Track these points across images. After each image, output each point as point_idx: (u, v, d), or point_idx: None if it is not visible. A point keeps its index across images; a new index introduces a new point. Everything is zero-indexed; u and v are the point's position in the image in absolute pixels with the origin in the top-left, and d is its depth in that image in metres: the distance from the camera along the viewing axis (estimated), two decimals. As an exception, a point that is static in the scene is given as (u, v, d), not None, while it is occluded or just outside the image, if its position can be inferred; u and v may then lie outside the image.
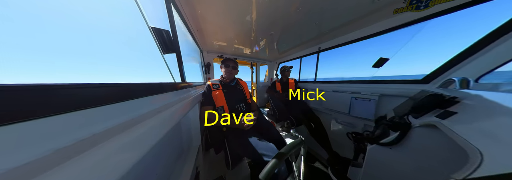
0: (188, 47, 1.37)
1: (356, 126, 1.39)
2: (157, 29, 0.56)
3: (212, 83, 1.16)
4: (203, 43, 1.74)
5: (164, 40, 0.62)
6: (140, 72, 0.67)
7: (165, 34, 0.61)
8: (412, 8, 0.88)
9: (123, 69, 0.52)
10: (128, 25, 0.52)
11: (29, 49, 0.28)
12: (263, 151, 0.77)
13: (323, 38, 1.64)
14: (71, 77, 0.38)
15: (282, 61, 2.85)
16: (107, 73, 0.47)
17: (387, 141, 0.69)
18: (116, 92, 0.29)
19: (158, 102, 0.46)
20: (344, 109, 1.46)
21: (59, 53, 0.34)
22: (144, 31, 0.53)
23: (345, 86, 1.53)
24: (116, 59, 0.51)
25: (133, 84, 0.35)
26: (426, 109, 0.61)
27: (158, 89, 0.48)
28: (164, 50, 0.62)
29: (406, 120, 0.66)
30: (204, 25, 1.27)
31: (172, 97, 0.61)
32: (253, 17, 1.16)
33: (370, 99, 1.24)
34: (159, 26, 0.58)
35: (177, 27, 0.82)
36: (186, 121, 0.87)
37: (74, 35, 0.38)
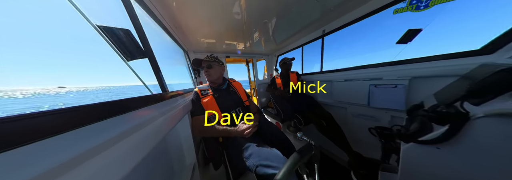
0: (166, 48, 1.26)
1: (380, 120, 1.23)
2: (109, 28, 0.46)
3: (199, 89, 1.07)
4: (186, 42, 1.62)
5: (125, 42, 0.51)
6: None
7: (125, 35, 0.51)
8: (412, 8, 0.90)
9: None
10: (47, 24, 0.40)
11: None
12: (267, 162, 0.69)
13: (328, 18, 1.48)
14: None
15: (281, 53, 2.72)
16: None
17: (430, 138, 0.57)
18: (61, 119, 0.27)
19: (125, 123, 0.40)
20: (361, 100, 1.32)
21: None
22: (85, 32, 0.43)
23: (359, 72, 1.38)
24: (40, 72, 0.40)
25: (86, 106, 0.32)
26: (494, 91, 0.47)
27: (124, 106, 0.41)
28: (128, 55, 0.52)
29: (460, 108, 0.52)
30: (183, 20, 1.16)
31: (150, 112, 0.53)
32: (242, 5, 1.04)
33: (396, 85, 1.07)
34: (112, 24, 0.47)
35: (145, 25, 0.71)
36: (174, 137, 0.78)
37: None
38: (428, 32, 1.10)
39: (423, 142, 0.59)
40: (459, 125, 0.50)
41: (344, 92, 1.51)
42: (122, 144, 0.33)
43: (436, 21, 1.11)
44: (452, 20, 10.40)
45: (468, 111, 0.50)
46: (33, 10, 0.35)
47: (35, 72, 3.91)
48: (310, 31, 1.80)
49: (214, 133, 0.93)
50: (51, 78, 5.54)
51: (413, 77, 1.00)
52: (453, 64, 0.84)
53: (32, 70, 2.58)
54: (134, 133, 0.38)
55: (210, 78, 1.09)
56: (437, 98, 0.68)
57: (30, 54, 0.58)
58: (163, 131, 0.51)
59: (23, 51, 0.39)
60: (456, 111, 0.53)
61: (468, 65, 0.74)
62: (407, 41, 1.06)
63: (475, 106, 0.49)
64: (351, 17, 1.35)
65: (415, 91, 1.02)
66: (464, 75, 0.67)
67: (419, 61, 0.98)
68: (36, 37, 0.56)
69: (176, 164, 0.76)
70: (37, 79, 2.50)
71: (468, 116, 0.49)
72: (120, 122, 0.37)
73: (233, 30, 1.51)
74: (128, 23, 0.60)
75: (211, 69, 1.06)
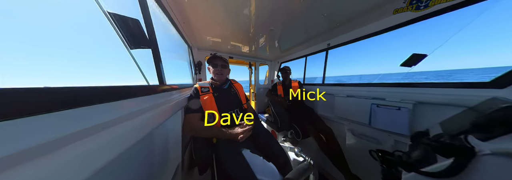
0: (171, 42, 1.28)
1: (382, 143, 1.18)
2: (119, 16, 0.47)
3: (200, 86, 1.07)
4: (192, 38, 1.65)
5: (132, 31, 0.52)
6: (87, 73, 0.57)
7: (133, 24, 0.52)
8: (412, 8, 0.89)
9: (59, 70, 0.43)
10: (62, 8, 0.41)
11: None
12: (261, 177, 0.65)
13: (333, 33, 1.52)
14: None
15: (284, 61, 2.77)
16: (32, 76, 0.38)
17: (435, 171, 0.53)
18: (54, 98, 0.26)
19: (118, 110, 0.39)
20: (362, 119, 1.29)
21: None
22: (95, 18, 0.44)
23: (362, 89, 1.37)
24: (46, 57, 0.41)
25: (79, 88, 0.31)
26: (503, 128, 0.45)
27: (118, 93, 0.40)
28: (132, 44, 0.53)
29: (465, 142, 0.50)
30: (193, 17, 1.19)
31: (143, 103, 0.52)
32: (252, 10, 1.07)
33: (400, 108, 1.04)
34: (122, 12, 0.49)
35: (154, 17, 0.73)
36: (161, 134, 0.76)
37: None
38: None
39: (426, 174, 0.55)
40: (465, 160, 0.47)
41: (346, 108, 1.48)
42: (98, 137, 0.30)
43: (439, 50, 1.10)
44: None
45: (473, 145, 0.47)
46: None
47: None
48: (315, 43, 1.84)
49: (207, 133, 0.91)
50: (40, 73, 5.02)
51: (418, 102, 0.98)
52: (461, 94, 0.81)
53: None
54: (115, 125, 0.35)
55: (221, 77, 1.12)
56: (443, 127, 0.65)
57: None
58: (148, 127, 0.48)
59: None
60: (461, 145, 0.50)
61: (477, 97, 0.73)
62: (411, 65, 1.06)
63: (481, 142, 0.47)
64: (356, 34, 1.39)
65: (419, 117, 0.99)
66: (472, 107, 0.64)
67: (425, 86, 0.97)
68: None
69: (157, 164, 0.73)
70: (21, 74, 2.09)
71: (474, 152, 0.46)
72: (102, 110, 0.35)
73: (240, 33, 1.53)
74: (138, 13, 0.62)
75: (225, 69, 1.12)
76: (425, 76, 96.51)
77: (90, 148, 0.28)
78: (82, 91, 0.31)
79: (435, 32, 28.58)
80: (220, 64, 1.09)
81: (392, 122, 1.10)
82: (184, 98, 0.98)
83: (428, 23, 23.38)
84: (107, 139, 0.31)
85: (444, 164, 0.51)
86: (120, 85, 0.43)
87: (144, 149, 0.61)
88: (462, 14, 1.01)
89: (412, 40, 27.45)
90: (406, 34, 24.82)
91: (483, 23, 37.32)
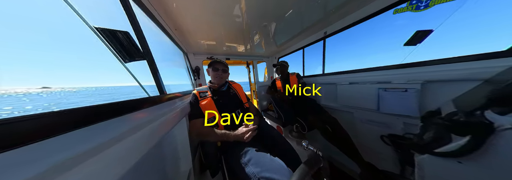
0: (165, 50, 1.27)
1: (392, 126, 1.14)
2: (107, 30, 0.46)
3: (198, 91, 1.08)
4: (186, 44, 1.64)
5: (123, 44, 0.51)
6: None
7: (123, 37, 0.51)
8: (412, 8, 0.89)
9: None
10: (47, 27, 0.40)
11: None
12: (270, 174, 0.65)
13: (330, 20, 1.46)
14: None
15: (281, 56, 2.73)
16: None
17: (450, 150, 0.51)
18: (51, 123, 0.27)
19: (119, 126, 0.39)
20: (370, 105, 1.24)
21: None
22: (82, 34, 0.43)
23: (365, 75, 1.32)
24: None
25: (76, 110, 0.31)
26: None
27: (118, 109, 0.41)
28: (125, 57, 0.52)
29: (482, 117, 0.47)
30: (184, 22, 1.18)
31: (145, 115, 0.52)
32: (242, 8, 1.05)
33: (407, 89, 1.00)
34: (111, 26, 0.48)
35: (145, 27, 0.72)
36: (170, 141, 0.77)
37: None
38: (441, 33, 1.06)
39: (440, 155, 0.53)
40: (483, 137, 0.44)
41: (350, 95, 1.44)
42: (114, 149, 0.32)
43: (449, 21, 1.01)
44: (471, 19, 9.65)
45: (491, 121, 0.44)
46: (29, 10, 0.34)
47: (21, 72, 3.67)
48: (311, 33, 1.79)
49: (212, 137, 0.92)
50: (40, 78, 5.47)
51: (426, 81, 0.93)
52: (475, 67, 0.74)
53: (17, 70, 2.42)
54: (127, 137, 0.37)
55: (221, 81, 1.13)
56: (456, 104, 0.62)
57: (18, 55, 0.58)
58: (158, 135, 0.50)
59: (15, 51, 0.39)
60: (478, 121, 0.47)
61: (492, 68, 0.66)
62: (416, 43, 1.01)
63: (500, 116, 0.44)
64: (354, 18, 1.33)
65: (429, 96, 0.94)
66: (489, 80, 0.60)
67: (433, 64, 0.91)
68: (29, 37, 0.56)
69: (170, 170, 0.74)
70: (26, 78, 2.31)
71: (492, 127, 0.43)
72: (113, 126, 0.37)
73: (234, 33, 1.51)
74: (127, 25, 0.61)
75: (225, 73, 1.13)
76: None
77: (108, 161, 0.30)
78: (88, 110, 0.33)
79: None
80: (221, 68, 1.10)
81: (400, 104, 1.06)
82: (186, 105, 0.99)
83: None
84: (122, 151, 0.34)
85: (459, 143, 0.49)
86: (121, 100, 0.44)
87: (156, 157, 0.61)
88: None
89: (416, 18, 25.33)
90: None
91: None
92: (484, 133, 0.44)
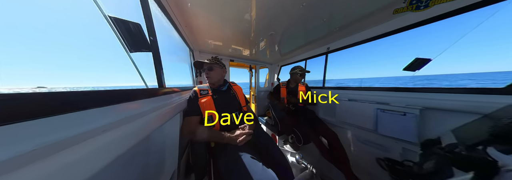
0: (172, 45, 1.29)
1: (390, 150, 1.11)
2: (120, 20, 0.47)
3: (199, 89, 1.06)
4: (194, 41, 1.66)
5: (133, 35, 0.53)
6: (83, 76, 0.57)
7: (134, 28, 0.53)
8: (412, 8, 0.89)
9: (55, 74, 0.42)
10: (62, 13, 0.41)
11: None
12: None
13: (333, 37, 1.51)
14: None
15: (284, 64, 2.77)
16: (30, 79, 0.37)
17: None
18: (53, 102, 0.26)
19: (116, 113, 0.39)
20: (368, 125, 1.23)
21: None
22: (96, 22, 0.44)
23: (364, 93, 1.33)
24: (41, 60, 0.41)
25: (76, 93, 0.30)
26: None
27: (116, 97, 0.40)
28: (132, 47, 0.53)
29: (485, 154, 0.45)
30: (195, 21, 1.20)
31: (142, 106, 0.51)
32: (253, 15, 1.08)
33: (405, 113, 0.99)
34: (124, 16, 0.49)
35: (156, 21, 0.73)
36: (159, 138, 0.73)
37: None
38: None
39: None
40: (487, 175, 0.41)
41: (349, 112, 1.42)
42: (96, 140, 0.30)
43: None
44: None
45: (495, 159, 0.42)
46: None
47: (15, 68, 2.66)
48: (315, 46, 1.83)
49: (206, 136, 0.88)
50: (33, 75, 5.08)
51: (425, 108, 0.93)
52: (472, 100, 0.74)
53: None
54: (113, 129, 0.35)
55: (210, 80, 1.08)
56: (457, 135, 0.61)
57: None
58: (147, 130, 0.48)
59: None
60: (480, 157, 0.45)
61: (492, 104, 0.66)
62: (415, 69, 1.02)
63: (504, 155, 0.41)
64: (356, 39, 1.39)
65: (429, 123, 0.93)
66: (488, 115, 0.59)
67: (431, 91, 0.92)
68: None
69: (153, 169, 0.69)
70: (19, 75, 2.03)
71: (497, 166, 0.41)
72: (102, 114, 0.35)
73: (241, 37, 1.54)
74: (140, 16, 0.62)
75: (212, 71, 1.05)
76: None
77: (87, 152, 0.28)
78: (80, 95, 0.31)
79: (438, 35, 27.97)
80: (205, 67, 1.06)
81: (398, 128, 1.04)
82: (183, 100, 0.97)
83: (430, 27, 23.15)
84: (104, 142, 0.31)
85: (463, 178, 0.45)
86: (117, 88, 0.43)
87: (139, 153, 0.59)
88: (465, 18, 0.99)
89: (414, 44, 27.45)
90: (407, 37, 23.73)
91: (490, 25, 36.07)
92: (488, 171, 0.42)
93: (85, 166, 0.27)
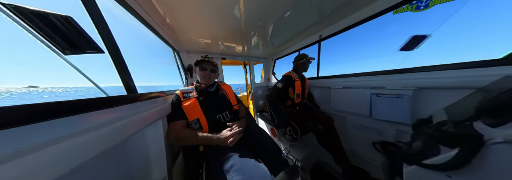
0: (148, 46, 1.16)
1: (384, 133, 1.08)
2: (29, 11, 0.34)
3: (182, 92, 0.96)
4: (177, 41, 1.52)
5: (62, 32, 0.40)
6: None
7: (61, 22, 0.40)
8: (412, 8, 0.87)
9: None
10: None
11: None
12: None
13: (325, 23, 1.39)
14: None
15: (278, 57, 2.63)
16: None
17: (438, 163, 0.48)
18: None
19: (77, 124, 0.37)
20: (363, 110, 1.19)
21: None
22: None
23: (359, 79, 1.25)
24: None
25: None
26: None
27: (62, 109, 0.35)
28: (66, 48, 0.41)
29: (472, 129, 0.43)
30: (173, 17, 1.07)
31: (102, 117, 0.45)
32: (241, 8, 0.97)
33: (400, 95, 0.94)
34: (49, 8, 0.36)
35: (113, 17, 0.60)
36: (140, 146, 0.66)
37: None
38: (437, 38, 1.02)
39: (429, 167, 0.50)
40: (472, 150, 0.40)
41: (343, 100, 1.39)
42: (43, 153, 0.28)
43: (445, 25, 1.00)
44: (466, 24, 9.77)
45: (481, 133, 0.41)
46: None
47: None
48: (307, 35, 1.70)
49: (193, 140, 0.81)
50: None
51: (419, 88, 0.88)
52: (468, 75, 0.70)
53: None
54: (65, 141, 0.32)
55: (208, 81, 1.03)
56: (449, 113, 0.58)
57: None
58: (112, 140, 0.44)
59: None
60: (466, 132, 0.43)
61: (486, 77, 0.62)
62: (412, 48, 0.95)
63: (491, 128, 0.40)
64: (349, 22, 1.25)
65: (422, 104, 0.89)
66: (482, 88, 0.56)
67: (426, 70, 0.86)
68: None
69: (137, 177, 0.63)
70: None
71: (482, 140, 0.40)
72: (51, 128, 0.32)
73: (230, 32, 1.42)
74: (80, 10, 0.49)
75: (214, 73, 1.05)
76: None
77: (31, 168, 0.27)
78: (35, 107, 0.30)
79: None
80: (209, 68, 1.01)
81: (393, 111, 0.99)
82: (167, 105, 0.88)
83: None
84: (56, 156, 0.30)
85: (448, 155, 0.45)
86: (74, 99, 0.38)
87: (116, 165, 0.52)
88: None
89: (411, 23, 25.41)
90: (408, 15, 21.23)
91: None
92: (473, 146, 0.40)
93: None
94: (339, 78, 1.48)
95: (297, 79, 1.49)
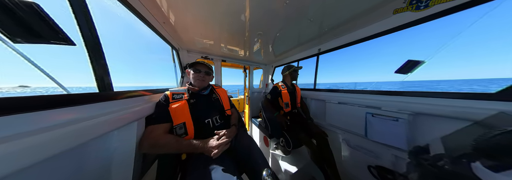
0: (142, 42, 1.12)
1: (380, 157, 1.01)
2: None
3: (172, 93, 0.87)
4: (178, 39, 1.47)
5: (22, 19, 0.34)
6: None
7: (21, 9, 0.34)
8: (412, 8, 0.86)
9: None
10: None
11: None
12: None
13: (323, 38, 1.38)
14: None
15: (278, 65, 2.59)
16: None
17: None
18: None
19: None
20: (358, 129, 1.14)
21: None
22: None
23: (355, 96, 1.21)
24: None
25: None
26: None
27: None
28: (14, 33, 0.35)
29: (470, 170, 0.40)
30: (176, 18, 1.03)
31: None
32: (247, 16, 0.96)
33: (396, 119, 0.90)
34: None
35: (106, 12, 0.55)
36: (97, 153, 0.56)
37: None
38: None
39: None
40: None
41: (339, 116, 1.34)
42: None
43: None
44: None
45: (480, 177, 0.38)
46: None
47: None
48: (307, 48, 1.68)
49: (174, 147, 0.70)
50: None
51: (415, 113, 0.84)
52: (465, 106, 0.67)
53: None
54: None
55: (202, 84, 0.97)
56: (445, 144, 0.56)
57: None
58: (62, 144, 0.38)
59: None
60: (464, 173, 0.40)
61: (483, 110, 0.60)
62: (407, 72, 0.93)
63: (492, 172, 0.37)
64: (346, 39, 1.25)
65: (419, 130, 0.85)
66: (479, 122, 0.55)
67: (423, 96, 0.83)
68: None
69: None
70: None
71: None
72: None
73: (234, 36, 1.38)
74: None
75: (209, 76, 1.00)
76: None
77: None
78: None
79: (431, 37, 26.44)
80: (203, 70, 0.96)
81: (389, 134, 0.94)
82: (147, 106, 0.79)
83: (426, 27, 21.92)
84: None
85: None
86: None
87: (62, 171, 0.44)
88: (460, 17, 0.91)
89: (407, 46, 25.95)
90: (401, 39, 22.56)
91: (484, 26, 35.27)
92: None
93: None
94: (335, 93, 1.43)
95: (283, 89, 1.51)
